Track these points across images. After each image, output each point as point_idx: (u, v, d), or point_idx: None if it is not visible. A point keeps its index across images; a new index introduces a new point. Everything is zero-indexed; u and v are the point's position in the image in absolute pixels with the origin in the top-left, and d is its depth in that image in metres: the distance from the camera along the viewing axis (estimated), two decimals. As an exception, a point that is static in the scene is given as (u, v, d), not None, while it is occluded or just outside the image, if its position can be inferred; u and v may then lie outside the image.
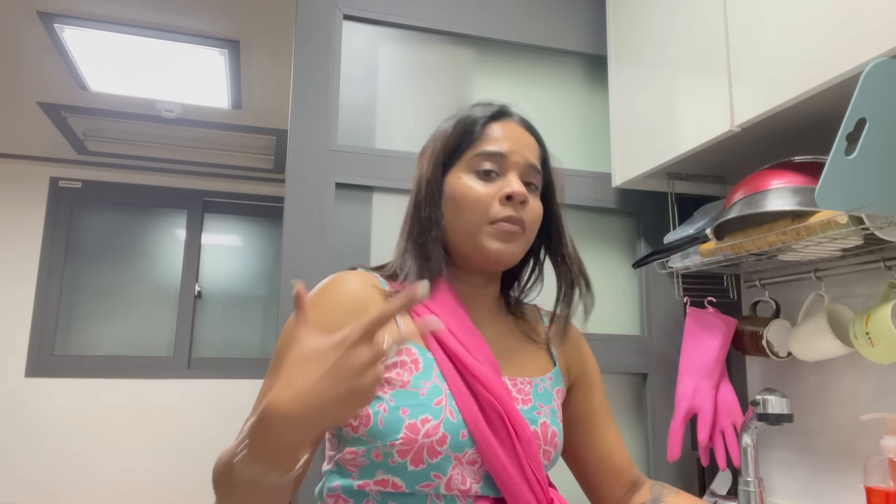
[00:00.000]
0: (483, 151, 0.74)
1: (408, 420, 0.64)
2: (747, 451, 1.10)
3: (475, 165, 0.74)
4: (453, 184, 0.75)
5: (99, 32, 1.92)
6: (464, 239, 0.74)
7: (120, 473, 3.04)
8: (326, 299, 0.70)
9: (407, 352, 0.69)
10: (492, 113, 0.77)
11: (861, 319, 0.94)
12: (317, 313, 0.65)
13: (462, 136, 0.76)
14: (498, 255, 0.73)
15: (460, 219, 0.73)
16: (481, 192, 0.73)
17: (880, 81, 0.72)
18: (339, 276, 0.73)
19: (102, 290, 3.19)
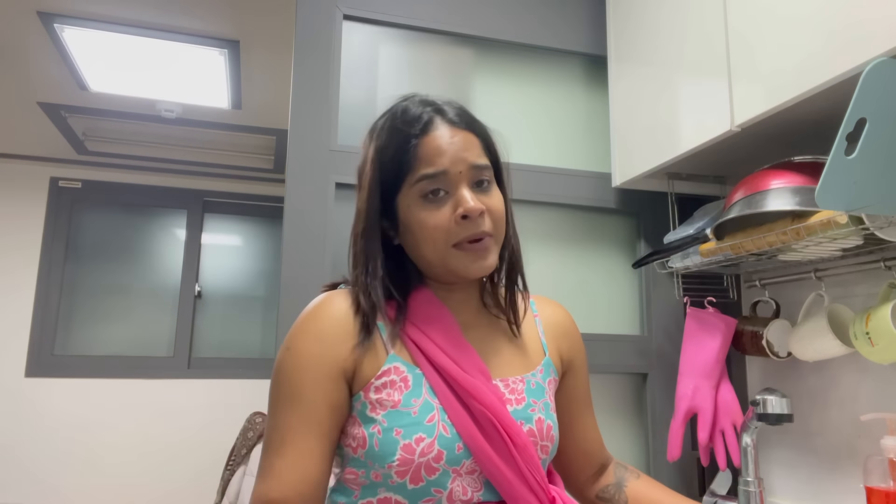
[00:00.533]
0: (423, 175, 0.70)
1: (402, 441, 0.65)
2: (747, 451, 1.10)
3: (420, 190, 0.70)
4: (405, 213, 0.72)
5: (99, 32, 1.92)
6: (433, 263, 0.72)
7: (120, 473, 3.04)
8: (313, 328, 0.70)
9: (395, 370, 0.69)
10: (420, 128, 0.71)
11: (861, 319, 0.94)
12: (304, 343, 0.68)
13: (397, 160, 0.71)
14: (470, 273, 0.71)
15: (423, 248, 0.72)
16: (436, 220, 0.69)
17: (880, 81, 0.72)
18: (324, 301, 0.72)
19: (102, 290, 3.19)
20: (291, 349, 0.68)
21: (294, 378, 0.67)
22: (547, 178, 1.35)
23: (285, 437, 0.66)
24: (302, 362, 0.67)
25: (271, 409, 0.68)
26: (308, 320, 0.70)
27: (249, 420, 2.72)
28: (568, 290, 1.36)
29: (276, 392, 0.68)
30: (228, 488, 2.57)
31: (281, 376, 0.69)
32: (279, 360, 0.69)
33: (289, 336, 0.70)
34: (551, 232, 1.37)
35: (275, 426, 0.67)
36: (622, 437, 1.34)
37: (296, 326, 0.70)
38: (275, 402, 0.68)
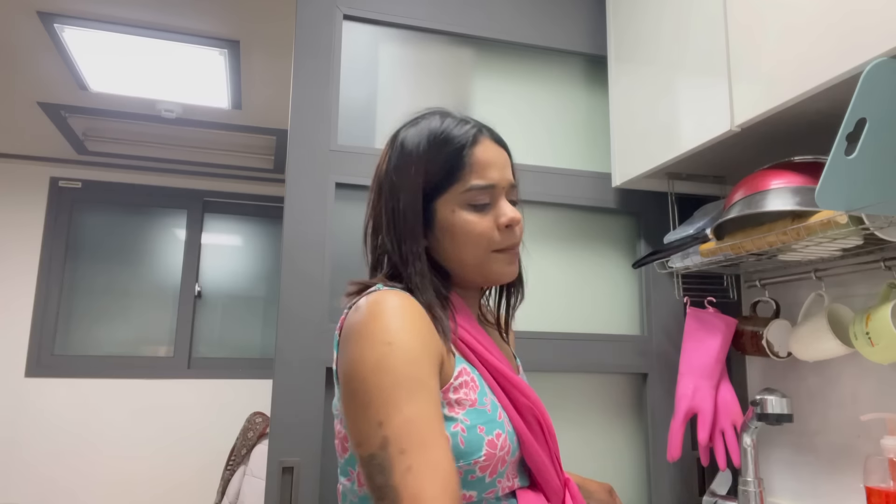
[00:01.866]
0: (475, 186, 0.74)
1: (486, 437, 0.67)
2: (747, 451, 1.10)
3: (469, 200, 0.74)
4: (448, 217, 0.75)
5: (99, 32, 1.92)
6: (469, 268, 0.76)
7: (120, 473, 3.04)
8: (410, 324, 0.66)
9: (465, 371, 0.71)
10: (472, 138, 0.76)
11: (861, 319, 0.94)
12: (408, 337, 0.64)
13: (447, 167, 0.74)
14: (505, 277, 0.78)
15: (464, 252, 0.75)
16: (483, 227, 0.74)
17: (880, 81, 0.72)
18: (405, 298, 0.68)
19: (102, 289, 3.19)
20: (395, 343, 0.63)
21: (411, 369, 0.62)
22: (547, 178, 1.35)
23: (431, 426, 0.60)
24: (414, 355, 0.63)
25: (387, 407, 0.60)
26: (402, 316, 0.66)
27: (249, 420, 2.73)
28: (568, 290, 1.36)
29: (390, 386, 0.60)
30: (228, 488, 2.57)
31: (392, 368, 0.61)
32: (378, 357, 0.62)
33: (382, 333, 0.64)
34: (551, 232, 1.37)
35: (408, 419, 0.59)
36: (622, 437, 1.34)
37: (387, 323, 0.64)
38: (393, 398, 0.60)
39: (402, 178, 0.75)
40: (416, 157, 0.75)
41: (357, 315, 0.67)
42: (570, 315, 1.34)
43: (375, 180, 0.80)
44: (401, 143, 0.78)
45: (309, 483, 1.09)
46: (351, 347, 0.65)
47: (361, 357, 0.63)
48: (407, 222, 0.74)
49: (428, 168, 0.75)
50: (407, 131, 0.79)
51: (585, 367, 1.30)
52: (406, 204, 0.74)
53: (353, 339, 0.65)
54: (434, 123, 0.77)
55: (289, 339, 1.13)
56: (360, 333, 0.65)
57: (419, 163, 0.75)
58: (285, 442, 1.09)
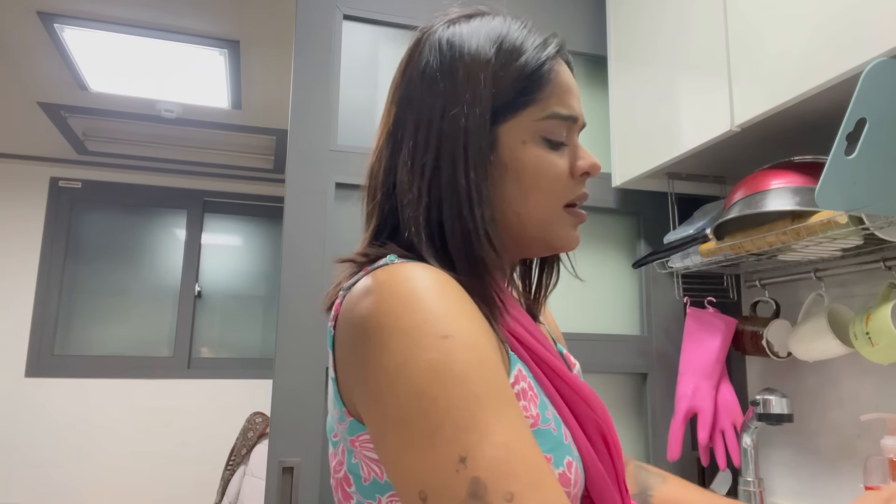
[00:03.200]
0: (558, 114, 0.55)
1: (557, 470, 0.48)
2: (747, 451, 1.10)
3: (546, 131, 0.55)
4: (515, 150, 0.54)
5: (99, 32, 1.92)
6: (532, 225, 0.56)
7: (119, 473, 3.04)
8: (460, 305, 0.46)
9: (521, 375, 0.50)
10: (555, 52, 0.57)
11: (861, 319, 0.94)
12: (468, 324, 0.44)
13: (522, 82, 0.55)
14: (571, 244, 0.59)
15: (531, 200, 0.55)
16: (560, 169, 0.56)
17: (880, 81, 0.72)
18: (439, 274, 0.47)
19: (102, 290, 3.19)
20: (456, 336, 0.43)
21: (487, 371, 0.42)
22: (547, 178, 1.35)
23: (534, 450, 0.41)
24: (484, 350, 0.44)
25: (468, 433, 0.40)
26: (450, 296, 0.45)
27: (249, 420, 2.73)
28: (568, 290, 1.36)
29: (464, 400, 0.41)
30: (228, 488, 2.57)
31: (462, 374, 0.41)
32: (435, 359, 0.42)
33: (428, 323, 0.43)
34: (551, 232, 1.37)
35: (504, 445, 0.40)
36: (622, 437, 1.34)
37: (433, 306, 0.44)
38: (474, 417, 0.40)
39: (458, 87, 0.54)
40: (480, 62, 0.54)
41: (372, 300, 0.45)
42: (570, 315, 1.34)
43: (397, 102, 0.57)
44: (448, 41, 0.56)
45: (309, 483, 1.09)
46: (374, 350, 0.44)
47: (405, 362, 0.42)
48: (469, 151, 0.52)
49: (496, 80, 0.54)
50: (454, 29, 0.57)
51: (585, 366, 1.30)
52: (470, 124, 0.52)
53: (376, 336, 0.44)
54: (504, 27, 0.57)
55: (289, 339, 1.13)
56: (387, 328, 0.43)
57: (487, 70, 0.54)
58: (285, 442, 1.09)
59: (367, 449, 0.47)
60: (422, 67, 0.56)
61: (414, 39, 0.59)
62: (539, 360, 0.53)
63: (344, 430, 0.49)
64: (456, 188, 0.52)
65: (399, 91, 0.57)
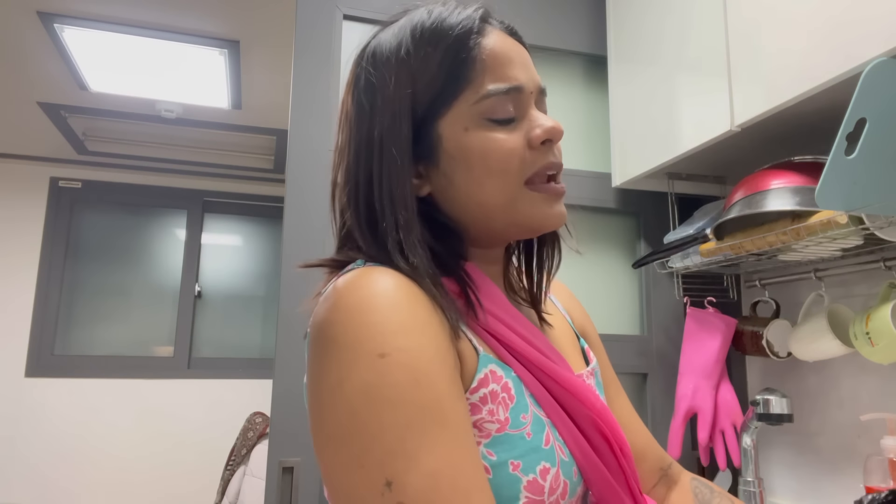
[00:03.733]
0: (494, 91, 0.52)
1: (524, 478, 0.46)
2: (747, 451, 1.10)
3: (486, 112, 0.52)
4: (460, 139, 0.52)
5: (99, 32, 1.92)
6: (496, 211, 0.53)
7: (120, 473, 3.04)
8: (409, 316, 0.44)
9: (493, 376, 0.48)
10: (476, 29, 0.53)
11: (861, 319, 0.94)
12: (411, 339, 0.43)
13: (447, 69, 0.52)
14: (549, 221, 0.55)
15: (486, 185, 0.52)
16: (511, 145, 0.52)
17: (880, 81, 0.72)
18: (392, 280, 0.46)
19: (102, 289, 3.20)
20: (392, 355, 0.42)
21: (424, 392, 0.41)
22: (547, 178, 1.35)
23: (468, 477, 0.40)
24: (425, 367, 0.42)
25: (395, 458, 0.39)
26: (396, 306, 0.44)
27: (249, 420, 2.73)
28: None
29: (394, 425, 0.40)
30: (228, 488, 2.57)
31: (393, 397, 0.41)
32: (368, 379, 0.41)
33: (367, 339, 0.42)
34: (551, 232, 1.37)
35: (432, 473, 0.39)
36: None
37: (375, 320, 0.43)
38: (403, 443, 0.40)
39: (377, 97, 0.53)
40: (395, 64, 0.53)
41: (324, 309, 0.45)
42: (570, 315, 1.34)
43: (340, 122, 0.58)
44: (371, 54, 0.56)
45: (309, 483, 1.09)
46: (320, 361, 0.43)
47: (340, 380, 0.42)
48: (384, 154, 0.51)
49: (417, 75, 0.52)
50: (378, 38, 0.57)
51: (585, 367, 1.30)
52: (384, 129, 0.52)
53: (323, 347, 0.44)
54: (419, 17, 0.55)
55: (289, 339, 1.13)
56: (332, 340, 0.43)
57: (402, 69, 0.52)
58: (285, 442, 1.09)
59: None
60: (351, 87, 0.57)
61: (353, 62, 0.59)
62: (524, 359, 0.51)
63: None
64: (370, 201, 0.52)
65: (341, 113, 0.58)
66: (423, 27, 0.53)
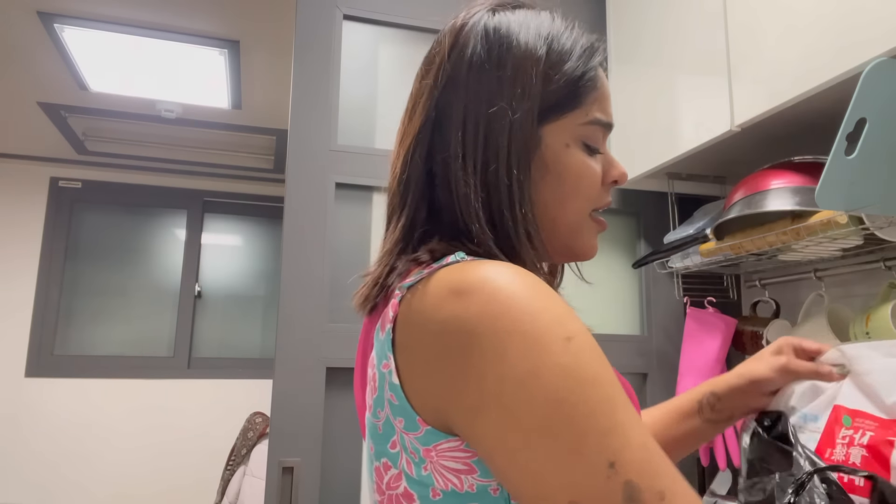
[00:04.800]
0: (599, 120, 0.55)
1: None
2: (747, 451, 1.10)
3: (587, 136, 0.55)
4: (560, 153, 0.53)
5: (99, 32, 1.92)
6: (562, 230, 0.55)
7: (120, 473, 3.04)
8: (565, 306, 0.44)
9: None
10: (601, 55, 0.58)
11: (861, 319, 0.94)
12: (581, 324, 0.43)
13: (571, 84, 0.54)
14: (592, 252, 0.59)
15: (568, 204, 0.54)
16: (598, 176, 0.56)
17: (880, 81, 0.72)
18: (526, 272, 0.45)
19: (102, 290, 3.20)
20: (576, 337, 0.41)
21: (608, 367, 0.42)
22: (547, 178, 1.35)
23: (658, 449, 0.41)
24: (599, 349, 0.43)
25: (611, 436, 0.39)
26: (552, 294, 0.43)
27: (249, 420, 2.73)
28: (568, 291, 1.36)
29: (601, 403, 0.40)
30: (228, 488, 2.57)
31: (595, 376, 0.40)
32: (567, 362, 0.40)
33: (549, 325, 0.41)
34: (551, 232, 1.37)
35: (643, 445, 0.39)
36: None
37: (546, 307, 0.42)
38: (614, 420, 0.39)
39: (507, 78, 0.52)
40: (531, 57, 0.52)
41: (472, 301, 0.41)
42: (570, 315, 1.34)
43: (442, 79, 0.53)
44: (496, 30, 0.53)
45: (309, 483, 1.09)
46: (489, 355, 0.40)
47: (534, 370, 0.39)
48: (514, 150, 0.51)
49: (549, 77, 0.53)
50: (500, 17, 0.54)
51: (585, 367, 1.30)
52: (517, 119, 0.51)
53: (491, 340, 0.41)
54: (545, 20, 0.56)
55: (289, 339, 1.13)
56: (507, 331, 0.40)
57: (538, 66, 0.52)
58: (285, 442, 1.09)
59: (447, 458, 0.44)
60: (468, 54, 0.53)
61: (456, 25, 0.55)
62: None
63: (414, 439, 0.45)
64: (498, 185, 0.50)
65: (442, 77, 0.53)
66: (560, 38, 0.55)
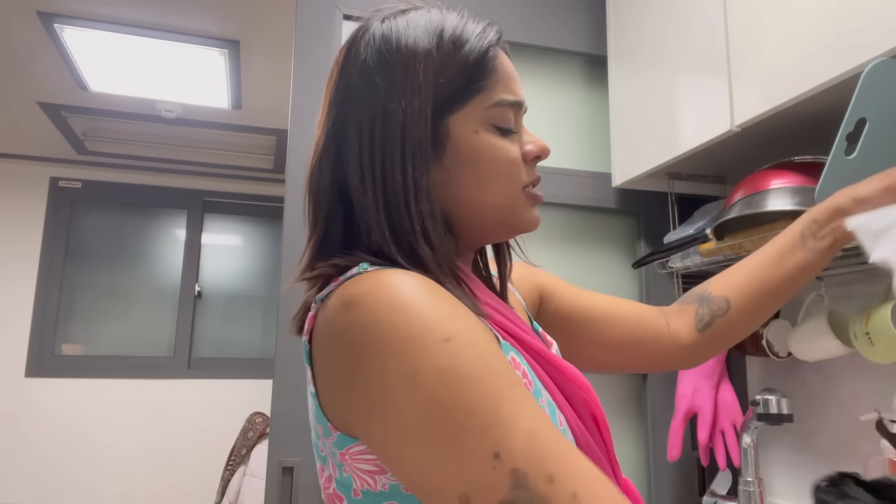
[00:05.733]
0: (505, 101, 0.56)
1: None
2: (747, 451, 1.10)
3: (495, 118, 0.56)
4: (470, 140, 0.55)
5: (99, 32, 1.92)
6: (493, 212, 0.57)
7: (120, 473, 3.04)
8: (454, 304, 0.46)
9: (514, 363, 0.51)
10: (497, 39, 0.59)
11: (861, 319, 0.94)
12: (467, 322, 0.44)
13: (468, 72, 0.55)
14: (534, 224, 0.60)
15: (490, 188, 0.56)
16: (514, 154, 0.57)
17: (880, 81, 0.72)
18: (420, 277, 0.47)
19: (102, 289, 3.20)
20: (457, 336, 0.42)
21: (494, 361, 0.43)
22: (547, 178, 1.34)
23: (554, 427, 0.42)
24: (483, 339, 0.44)
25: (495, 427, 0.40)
26: (439, 297, 0.45)
27: (249, 420, 2.73)
28: (568, 290, 1.36)
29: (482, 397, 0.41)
30: (228, 488, 2.57)
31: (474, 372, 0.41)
32: (444, 364, 0.41)
33: (426, 329, 0.42)
34: (551, 232, 1.37)
35: (531, 431, 0.40)
36: (622, 438, 1.34)
37: (427, 311, 0.43)
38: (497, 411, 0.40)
39: (396, 81, 0.53)
40: (423, 55, 0.54)
41: (360, 311, 0.43)
42: (570, 315, 1.34)
43: (336, 94, 0.57)
44: (383, 36, 0.55)
45: (309, 483, 1.09)
46: (374, 362, 0.42)
47: (412, 373, 0.41)
48: (407, 141, 0.52)
49: (443, 70, 0.54)
50: (388, 24, 0.56)
51: (585, 367, 1.30)
52: (408, 116, 0.52)
53: (375, 347, 0.42)
54: (434, 16, 0.57)
55: (289, 339, 1.13)
56: (385, 339, 0.42)
57: (429, 61, 0.54)
58: (285, 442, 1.09)
59: (360, 461, 0.46)
60: (359, 66, 0.55)
61: (349, 39, 0.58)
62: (525, 345, 0.54)
63: (331, 444, 0.48)
64: (394, 185, 0.51)
65: (337, 91, 0.57)
66: (450, 28, 0.56)
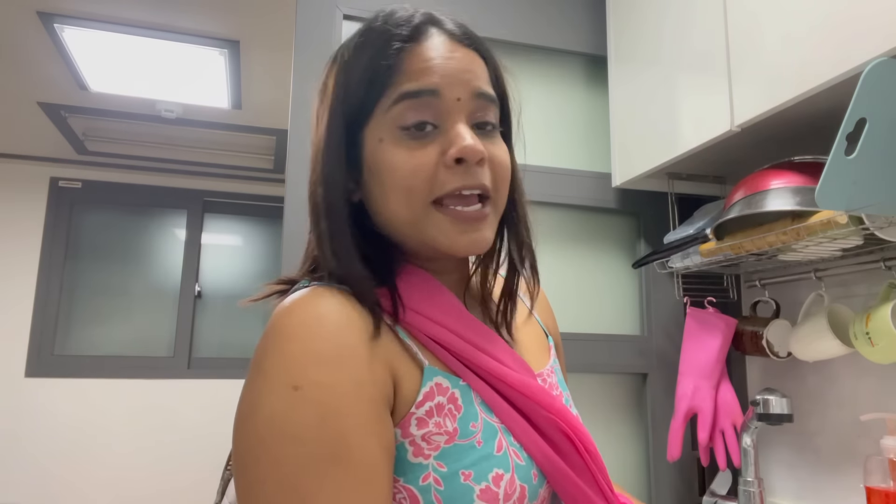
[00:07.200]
0: (405, 92, 0.49)
1: (477, 486, 0.46)
2: (747, 451, 1.10)
3: (397, 117, 0.49)
4: (373, 151, 0.51)
5: (99, 32, 1.92)
6: (405, 228, 0.52)
7: (120, 473, 3.04)
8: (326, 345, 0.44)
9: (438, 388, 0.49)
10: (409, 32, 0.51)
11: (861, 319, 0.94)
12: (324, 373, 0.43)
13: (371, 72, 0.50)
14: (456, 248, 0.51)
15: (391, 201, 0.50)
16: (414, 161, 0.49)
17: (880, 81, 0.72)
18: (319, 302, 0.46)
19: (102, 290, 3.19)
20: (305, 388, 0.42)
21: (330, 428, 0.41)
22: (547, 178, 1.35)
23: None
24: (335, 401, 0.42)
25: (287, 497, 0.39)
26: (320, 338, 0.44)
27: (249, 420, 2.73)
28: (568, 290, 1.36)
29: (293, 461, 0.40)
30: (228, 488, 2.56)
31: (296, 434, 0.41)
32: (276, 411, 0.42)
33: (283, 369, 0.43)
34: (551, 232, 1.37)
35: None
36: (622, 437, 1.34)
37: (294, 350, 0.43)
38: (298, 483, 0.40)
39: (325, 102, 0.54)
40: (336, 70, 0.54)
41: (263, 332, 0.46)
42: (569, 315, 1.34)
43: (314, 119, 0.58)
44: (332, 59, 0.57)
45: None
46: (245, 384, 0.45)
47: (253, 406, 0.43)
48: (323, 160, 0.52)
49: (348, 81, 0.51)
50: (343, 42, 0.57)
51: (585, 366, 1.30)
52: (321, 137, 0.52)
53: (250, 370, 0.45)
54: (363, 28, 0.54)
55: (289, 339, 1.13)
56: (254, 365, 0.45)
57: (339, 75, 0.53)
58: (285, 442, 1.09)
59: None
60: (318, 91, 0.58)
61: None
62: (474, 365, 0.50)
63: None
64: (314, 203, 0.53)
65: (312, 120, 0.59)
66: (360, 33, 0.53)
